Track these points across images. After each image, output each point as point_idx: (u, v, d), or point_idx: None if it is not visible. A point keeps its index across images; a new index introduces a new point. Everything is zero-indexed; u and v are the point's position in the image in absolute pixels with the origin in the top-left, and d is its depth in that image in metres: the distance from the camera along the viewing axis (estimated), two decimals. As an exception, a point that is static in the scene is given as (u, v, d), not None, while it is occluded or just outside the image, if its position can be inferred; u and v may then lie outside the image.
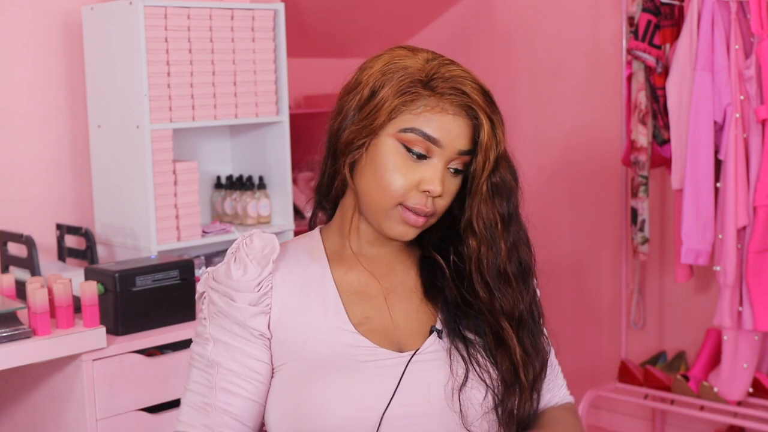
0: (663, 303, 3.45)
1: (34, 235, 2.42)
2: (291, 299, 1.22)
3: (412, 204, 1.19)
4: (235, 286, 1.21)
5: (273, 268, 1.22)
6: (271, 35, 2.81)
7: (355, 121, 1.20)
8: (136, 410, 2.16)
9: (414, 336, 1.23)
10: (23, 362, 2.01)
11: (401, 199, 1.19)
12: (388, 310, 1.25)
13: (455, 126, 1.19)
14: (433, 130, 1.18)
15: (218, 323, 1.21)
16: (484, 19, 3.84)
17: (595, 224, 3.59)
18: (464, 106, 1.19)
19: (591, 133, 3.56)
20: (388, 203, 1.20)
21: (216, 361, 1.20)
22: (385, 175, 1.19)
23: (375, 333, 1.21)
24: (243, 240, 1.25)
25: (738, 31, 2.73)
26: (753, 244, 2.72)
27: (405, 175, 1.19)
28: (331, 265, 1.26)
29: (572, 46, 3.59)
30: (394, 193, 1.19)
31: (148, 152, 2.54)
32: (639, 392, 3.20)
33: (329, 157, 1.26)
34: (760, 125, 2.71)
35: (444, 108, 1.18)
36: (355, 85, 1.23)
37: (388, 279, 1.27)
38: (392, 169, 1.19)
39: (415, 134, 1.18)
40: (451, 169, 1.21)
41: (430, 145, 1.19)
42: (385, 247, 1.28)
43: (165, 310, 2.24)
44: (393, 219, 1.21)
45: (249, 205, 2.86)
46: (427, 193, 1.19)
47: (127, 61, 2.56)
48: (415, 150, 1.18)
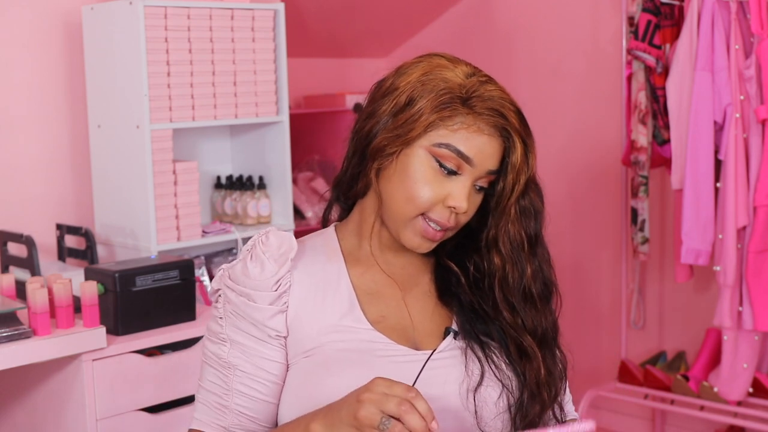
0: (663, 303, 3.45)
1: (34, 235, 2.42)
2: (308, 297, 1.22)
3: (435, 217, 1.20)
4: (253, 285, 1.20)
5: (291, 266, 1.22)
6: (271, 35, 2.81)
7: (388, 127, 1.20)
8: (136, 410, 2.16)
9: (430, 336, 1.24)
10: (23, 362, 2.01)
11: (425, 211, 1.20)
12: (405, 309, 1.26)
13: (489, 146, 1.20)
14: (467, 149, 1.19)
15: (234, 323, 1.21)
16: (484, 19, 3.84)
17: (595, 224, 3.59)
18: (499, 127, 1.20)
19: (591, 133, 3.56)
20: (411, 213, 1.20)
21: (233, 364, 1.20)
22: (414, 186, 1.19)
23: (392, 331, 1.22)
24: (259, 237, 1.24)
25: (738, 31, 2.73)
26: (753, 244, 2.72)
27: (433, 188, 1.19)
28: (348, 265, 1.27)
29: (572, 46, 3.59)
30: (420, 204, 1.19)
31: (148, 152, 2.54)
32: (639, 392, 3.20)
33: (355, 156, 1.25)
34: (760, 125, 2.71)
35: (480, 128, 1.19)
36: (391, 89, 1.22)
37: (403, 282, 1.28)
38: (422, 180, 1.19)
39: (449, 150, 1.19)
40: (477, 186, 1.22)
41: (462, 163, 1.19)
42: (402, 253, 1.28)
43: (165, 310, 2.24)
44: (412, 229, 1.21)
45: (249, 205, 2.86)
46: (452, 209, 1.20)
47: (127, 61, 2.56)
48: (447, 165, 1.19)
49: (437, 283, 1.29)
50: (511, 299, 1.24)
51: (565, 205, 3.66)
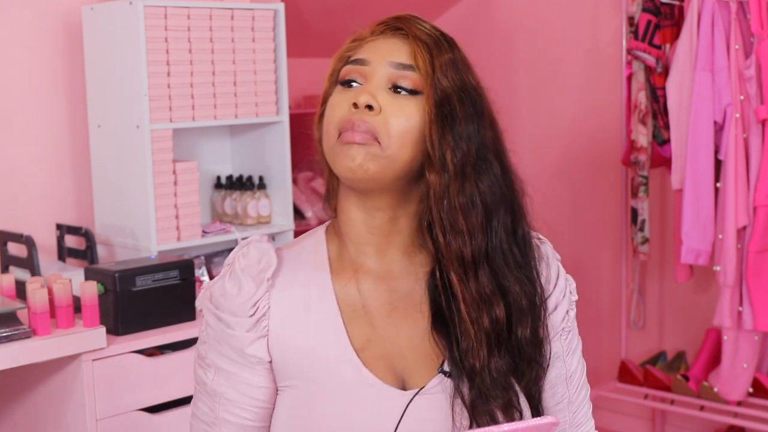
0: (663, 303, 3.45)
1: (34, 235, 2.42)
2: (290, 319, 1.14)
3: (343, 121, 1.10)
4: (231, 309, 1.14)
5: (269, 286, 1.14)
6: (271, 35, 2.81)
7: None
8: (136, 410, 2.16)
9: (418, 367, 1.13)
10: (23, 362, 2.01)
11: (339, 127, 1.11)
12: (390, 332, 1.15)
13: (384, 44, 1.13)
14: (360, 54, 1.14)
15: (217, 349, 1.15)
16: (484, 19, 3.84)
17: (595, 224, 3.59)
18: (396, 30, 1.14)
19: (591, 133, 3.56)
20: (332, 137, 1.12)
21: (218, 392, 1.15)
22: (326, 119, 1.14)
23: (378, 361, 1.13)
24: (239, 251, 1.17)
25: (738, 31, 2.73)
26: (753, 244, 2.72)
27: (341, 103, 1.12)
28: (333, 275, 1.17)
29: (572, 46, 3.59)
30: (330, 126, 1.12)
31: (148, 152, 2.54)
32: (639, 392, 3.20)
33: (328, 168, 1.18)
34: (760, 125, 2.71)
35: (374, 38, 1.15)
36: None
37: (391, 290, 1.16)
38: (330, 107, 1.14)
39: (345, 67, 1.14)
40: (394, 88, 1.11)
41: (360, 68, 1.12)
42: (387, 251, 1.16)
43: (165, 310, 2.24)
44: (338, 153, 1.11)
45: (249, 205, 2.86)
46: (353, 107, 1.10)
47: (127, 61, 2.56)
48: (348, 78, 1.13)
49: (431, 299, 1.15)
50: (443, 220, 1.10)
51: (565, 205, 3.66)
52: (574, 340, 1.24)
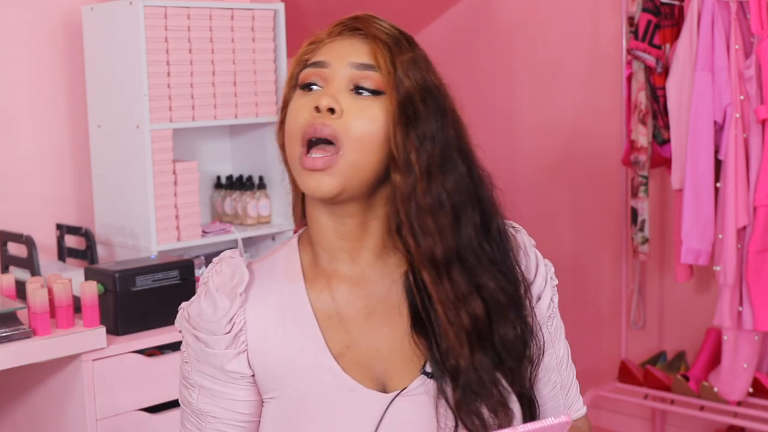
0: (663, 303, 3.45)
1: (34, 235, 2.42)
2: (267, 331, 1.13)
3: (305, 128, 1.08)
4: (208, 327, 1.13)
5: (243, 300, 1.13)
6: (271, 35, 2.81)
7: None
8: (136, 410, 2.16)
9: (399, 369, 1.12)
10: (23, 362, 2.01)
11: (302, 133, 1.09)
12: (369, 337, 1.13)
13: (343, 45, 1.11)
14: (318, 56, 1.11)
15: (198, 368, 1.14)
16: (484, 19, 3.84)
17: (595, 224, 3.59)
18: (355, 31, 1.12)
19: (591, 133, 3.56)
20: (296, 147, 1.09)
21: (203, 411, 1.14)
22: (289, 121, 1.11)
23: (357, 366, 1.12)
24: (213, 268, 1.16)
25: (738, 31, 2.73)
26: (753, 244, 2.72)
27: (302, 108, 1.09)
28: (307, 284, 1.15)
29: (572, 46, 3.59)
30: (292, 133, 1.10)
31: (148, 152, 2.54)
32: (639, 392, 3.20)
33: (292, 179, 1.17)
34: (760, 125, 2.71)
35: (332, 39, 1.12)
36: None
37: (367, 295, 1.15)
38: (291, 112, 1.11)
39: (305, 70, 1.11)
40: (355, 90, 1.09)
41: (319, 71, 1.10)
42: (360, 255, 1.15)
43: (165, 310, 2.24)
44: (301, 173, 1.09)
45: (249, 205, 2.86)
46: (316, 112, 1.07)
47: (127, 61, 2.56)
48: (308, 81, 1.10)
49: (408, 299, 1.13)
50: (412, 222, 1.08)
51: (565, 205, 3.66)
52: (559, 325, 1.23)
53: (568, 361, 1.25)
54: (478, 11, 3.87)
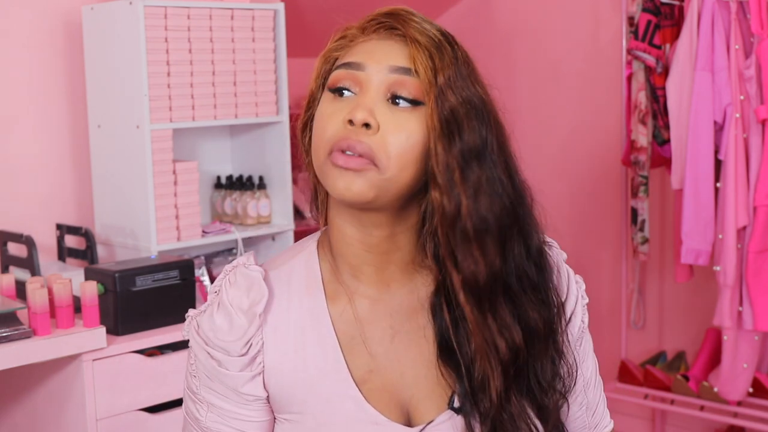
0: (663, 303, 3.45)
1: (34, 235, 2.42)
2: (286, 352, 1.05)
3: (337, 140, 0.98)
4: (223, 347, 1.05)
5: (261, 321, 1.05)
6: (271, 35, 2.81)
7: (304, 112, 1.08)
8: (136, 410, 2.16)
9: (425, 398, 1.05)
10: (23, 362, 2.01)
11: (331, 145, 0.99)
12: (394, 360, 1.06)
13: (381, 46, 1.01)
14: (353, 57, 1.01)
15: (208, 385, 1.07)
16: (484, 19, 3.84)
17: (595, 224, 3.59)
18: (392, 29, 1.01)
19: (591, 133, 3.56)
20: (322, 155, 1.00)
21: (212, 429, 1.07)
22: (317, 126, 1.01)
23: (381, 394, 1.04)
24: (226, 277, 1.08)
25: (738, 31, 2.73)
26: (753, 244, 2.72)
27: (331, 117, 1.00)
28: (328, 298, 1.07)
29: (572, 46, 3.59)
30: (321, 141, 1.00)
31: (148, 152, 2.54)
32: (639, 392, 3.20)
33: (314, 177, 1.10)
34: (760, 125, 2.71)
35: (367, 37, 1.03)
36: None
37: (392, 314, 1.07)
38: (324, 117, 1.01)
39: (337, 71, 1.01)
40: (393, 99, 0.99)
41: (354, 74, 1.00)
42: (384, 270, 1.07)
43: (165, 310, 2.24)
44: (330, 175, 0.99)
45: (249, 205, 2.86)
46: (349, 123, 0.98)
47: (127, 61, 2.56)
48: (338, 86, 1.00)
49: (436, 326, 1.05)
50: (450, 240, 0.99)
51: (565, 205, 3.66)
52: (587, 344, 1.17)
53: (596, 379, 1.20)
54: (478, 11, 3.87)
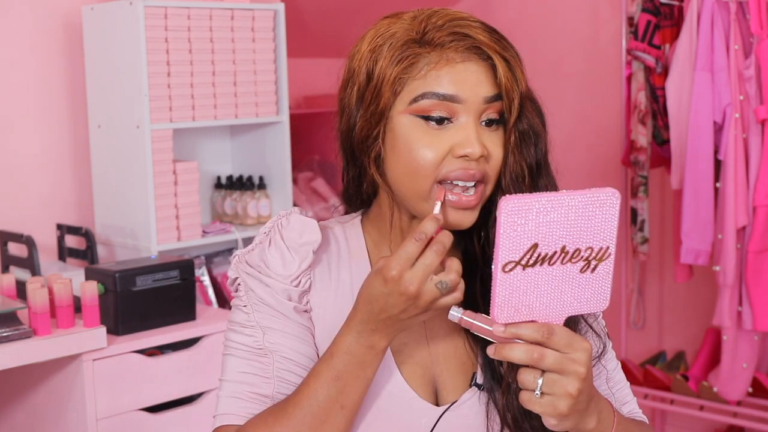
0: (663, 303, 3.45)
1: (34, 235, 2.42)
2: (331, 300, 1.09)
3: (453, 172, 1.01)
4: (273, 276, 1.07)
5: (313, 261, 1.08)
6: (271, 35, 2.81)
7: (361, 113, 1.05)
8: (136, 410, 2.17)
9: (453, 376, 1.09)
10: (23, 362, 2.01)
11: (437, 175, 1.01)
12: (426, 336, 1.10)
13: (469, 73, 1.02)
14: (446, 87, 1.01)
15: (264, 311, 1.07)
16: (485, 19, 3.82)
17: (595, 224, 3.59)
18: (471, 48, 1.03)
19: (591, 133, 3.56)
20: (425, 185, 1.02)
21: (271, 350, 1.06)
22: (410, 155, 1.02)
23: (414, 368, 1.08)
24: (279, 220, 1.11)
25: (737, 31, 2.73)
26: (752, 244, 2.72)
27: (432, 147, 1.01)
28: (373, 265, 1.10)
29: (572, 46, 3.59)
30: (426, 171, 1.01)
31: (149, 152, 2.54)
32: (639, 392, 3.20)
33: (348, 161, 1.11)
34: (759, 125, 2.71)
35: (450, 58, 1.02)
36: (349, 75, 1.09)
37: None
38: (416, 145, 1.02)
39: (428, 99, 1.01)
40: (485, 122, 1.04)
41: (449, 105, 1.01)
42: None
43: (165, 310, 2.24)
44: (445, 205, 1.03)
45: (249, 205, 2.86)
46: (465, 158, 1.01)
47: (127, 61, 2.56)
48: (434, 116, 1.02)
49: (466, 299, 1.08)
50: None
51: (565, 205, 3.66)
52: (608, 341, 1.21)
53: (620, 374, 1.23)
54: (478, 11, 3.86)
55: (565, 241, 0.90)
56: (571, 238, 0.90)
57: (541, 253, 0.89)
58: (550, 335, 0.92)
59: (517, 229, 0.88)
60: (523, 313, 0.92)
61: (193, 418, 2.25)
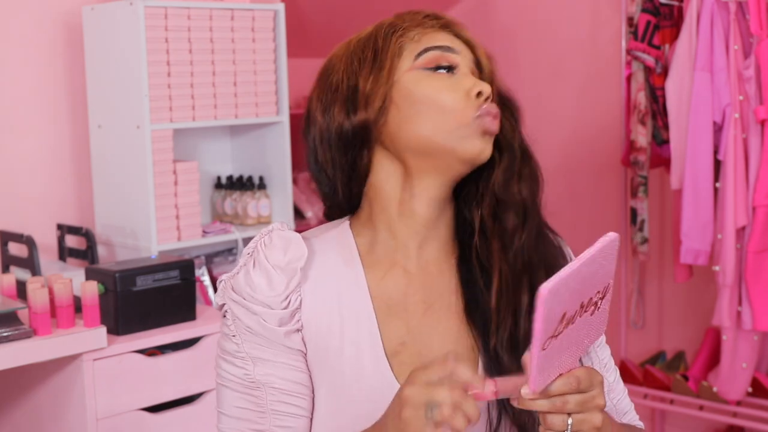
0: (663, 303, 3.45)
1: (34, 235, 2.42)
2: (322, 317, 1.08)
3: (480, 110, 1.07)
4: (261, 300, 1.06)
5: (301, 277, 1.07)
6: (271, 35, 2.82)
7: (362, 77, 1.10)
8: (136, 410, 2.17)
9: None
10: (23, 362, 2.01)
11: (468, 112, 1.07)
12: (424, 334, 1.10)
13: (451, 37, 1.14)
14: (443, 41, 1.11)
15: (252, 340, 1.07)
16: (485, 19, 3.84)
17: (595, 224, 3.59)
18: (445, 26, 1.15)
19: (591, 133, 3.56)
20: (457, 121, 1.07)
21: (263, 382, 1.07)
22: (433, 101, 1.07)
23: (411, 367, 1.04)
24: (261, 239, 1.09)
25: (737, 31, 2.73)
26: (752, 244, 2.72)
27: (450, 90, 1.08)
28: (366, 269, 1.11)
29: (572, 46, 3.59)
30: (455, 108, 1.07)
31: (149, 152, 2.54)
32: (638, 392, 3.20)
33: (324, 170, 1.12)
34: (759, 125, 2.71)
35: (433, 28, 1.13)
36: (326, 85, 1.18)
37: (428, 287, 1.12)
38: (435, 92, 1.08)
39: (431, 52, 1.09)
40: None
41: (450, 56, 1.10)
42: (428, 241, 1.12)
43: (165, 310, 2.25)
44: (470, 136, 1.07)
45: (249, 205, 2.86)
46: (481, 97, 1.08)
47: (127, 61, 2.56)
48: (443, 64, 1.10)
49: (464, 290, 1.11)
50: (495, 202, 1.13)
51: (565, 205, 3.66)
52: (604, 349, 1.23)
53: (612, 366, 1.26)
54: (478, 11, 3.87)
55: (582, 297, 0.92)
56: (586, 292, 0.93)
57: (567, 317, 0.92)
58: (578, 384, 0.94)
59: (554, 308, 0.89)
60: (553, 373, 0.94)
61: (193, 418, 2.25)
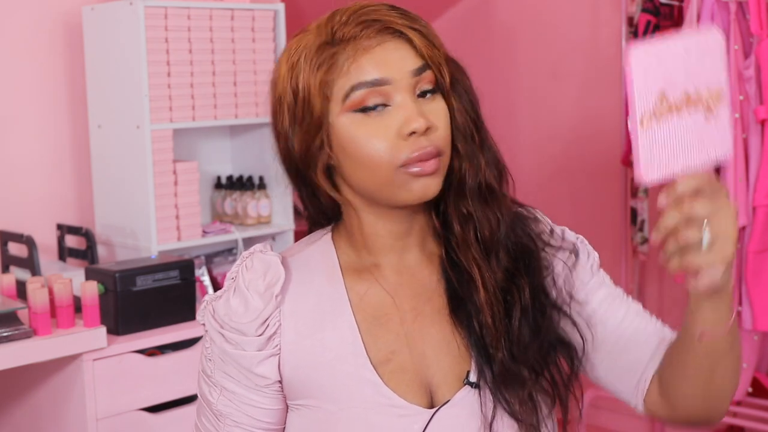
0: (663, 303, 3.45)
1: (34, 235, 2.42)
2: (303, 334, 1.08)
3: (410, 154, 1.01)
4: (238, 328, 1.07)
5: (279, 301, 1.07)
6: (271, 35, 2.82)
7: (296, 130, 1.06)
8: (136, 410, 2.17)
9: (446, 375, 1.08)
10: (23, 362, 2.01)
11: (396, 161, 1.02)
12: (416, 340, 1.09)
13: (389, 52, 1.03)
14: (371, 74, 1.02)
15: (222, 368, 1.09)
16: (484, 19, 3.84)
17: (595, 224, 3.59)
18: (383, 30, 1.04)
19: (590, 134, 3.56)
20: (386, 172, 1.02)
21: (223, 413, 1.10)
22: (362, 151, 1.02)
23: (401, 375, 1.07)
24: (242, 263, 1.10)
25: (737, 31, 2.73)
26: (752, 244, 2.72)
27: (379, 135, 1.02)
28: (347, 283, 1.10)
29: (572, 46, 3.59)
30: (382, 160, 1.02)
31: (149, 152, 2.54)
32: (638, 392, 3.20)
33: (298, 185, 1.13)
34: (759, 125, 2.71)
35: (365, 46, 1.03)
36: (276, 103, 1.09)
37: (414, 297, 1.11)
38: (364, 141, 1.02)
39: (358, 91, 1.02)
40: (421, 93, 1.04)
41: (380, 90, 1.02)
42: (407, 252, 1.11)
43: (165, 310, 2.25)
44: (403, 184, 1.03)
45: (249, 205, 2.86)
46: (414, 135, 1.01)
47: (127, 61, 2.56)
48: (370, 105, 1.02)
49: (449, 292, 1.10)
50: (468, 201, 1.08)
51: (565, 205, 3.66)
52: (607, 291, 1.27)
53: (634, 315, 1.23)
54: (478, 11, 3.87)
55: (685, 85, 0.90)
56: (690, 81, 0.90)
57: (669, 101, 0.89)
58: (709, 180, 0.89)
59: (647, 76, 0.88)
60: (667, 168, 0.91)
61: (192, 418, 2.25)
